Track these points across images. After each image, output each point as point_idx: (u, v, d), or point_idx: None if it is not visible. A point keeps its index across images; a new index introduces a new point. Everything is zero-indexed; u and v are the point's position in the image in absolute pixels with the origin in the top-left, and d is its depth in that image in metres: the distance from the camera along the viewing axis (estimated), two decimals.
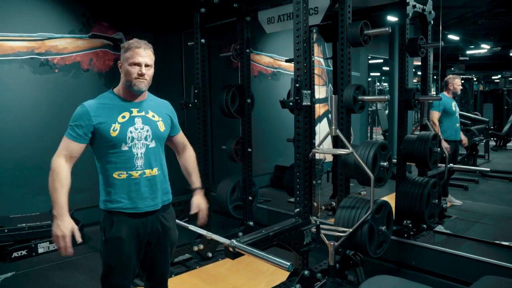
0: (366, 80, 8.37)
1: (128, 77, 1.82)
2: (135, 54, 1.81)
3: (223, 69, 5.62)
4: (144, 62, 1.82)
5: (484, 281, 1.68)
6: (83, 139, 1.79)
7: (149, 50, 1.85)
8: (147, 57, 1.84)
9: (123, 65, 1.84)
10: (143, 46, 1.83)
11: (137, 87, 1.83)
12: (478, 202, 5.00)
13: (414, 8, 3.64)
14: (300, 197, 2.69)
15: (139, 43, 1.84)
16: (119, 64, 1.88)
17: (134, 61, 1.81)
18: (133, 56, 1.81)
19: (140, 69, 1.81)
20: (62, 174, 1.73)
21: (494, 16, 8.53)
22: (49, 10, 4.27)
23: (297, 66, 2.63)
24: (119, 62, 1.88)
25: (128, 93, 1.87)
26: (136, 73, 1.81)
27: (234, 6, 3.69)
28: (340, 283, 2.99)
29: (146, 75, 1.83)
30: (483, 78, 16.71)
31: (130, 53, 1.81)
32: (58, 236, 1.68)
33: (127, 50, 1.82)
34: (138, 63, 1.81)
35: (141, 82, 1.83)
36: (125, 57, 1.83)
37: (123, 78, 1.86)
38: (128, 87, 1.85)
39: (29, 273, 3.39)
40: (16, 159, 4.05)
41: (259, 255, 2.09)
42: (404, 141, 3.64)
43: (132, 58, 1.81)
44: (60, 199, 1.70)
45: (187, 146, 2.16)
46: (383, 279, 1.61)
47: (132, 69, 1.81)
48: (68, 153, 1.77)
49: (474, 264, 2.99)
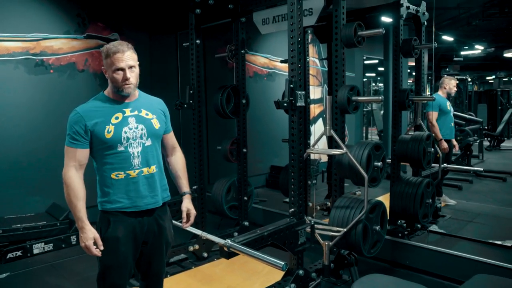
0: (362, 80, 8.41)
1: (115, 84, 1.82)
2: (115, 61, 1.78)
3: (218, 69, 5.62)
4: (127, 65, 1.79)
5: (476, 279, 1.71)
6: (84, 143, 1.80)
7: (128, 52, 1.80)
8: (130, 59, 1.80)
9: (107, 71, 1.83)
10: (121, 50, 1.78)
11: (125, 92, 1.83)
12: (472, 201, 5.03)
13: (408, 9, 3.66)
14: (294, 197, 2.70)
15: (116, 48, 1.78)
16: (103, 70, 1.85)
17: (116, 67, 1.79)
18: (114, 63, 1.78)
19: (124, 74, 1.79)
20: (76, 186, 1.77)
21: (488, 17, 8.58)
22: (44, 11, 4.27)
23: (291, 67, 2.64)
24: (102, 67, 1.86)
25: (118, 96, 1.87)
26: (121, 79, 1.80)
27: (229, 7, 3.70)
28: (335, 282, 3.01)
29: (131, 78, 1.81)
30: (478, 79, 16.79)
31: (111, 60, 1.78)
32: (83, 247, 1.78)
33: (107, 57, 1.79)
34: (121, 68, 1.79)
35: (128, 87, 1.82)
36: (106, 63, 1.81)
37: (110, 83, 1.85)
38: (116, 92, 1.85)
39: (24, 274, 3.38)
40: (11, 159, 4.03)
41: (253, 254, 2.11)
42: (398, 142, 3.66)
43: (114, 65, 1.78)
44: (79, 214, 1.76)
45: (176, 149, 2.13)
46: (375, 278, 1.63)
47: (116, 76, 1.80)
48: (76, 163, 1.79)
49: (467, 263, 3.02)
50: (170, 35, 5.40)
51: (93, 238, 1.76)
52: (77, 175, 1.79)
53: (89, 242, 1.75)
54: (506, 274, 2.76)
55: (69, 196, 1.76)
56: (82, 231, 1.76)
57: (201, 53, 3.66)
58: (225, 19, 4.00)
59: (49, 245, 3.80)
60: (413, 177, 3.72)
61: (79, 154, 1.79)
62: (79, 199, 1.76)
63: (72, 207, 1.77)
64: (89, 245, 1.75)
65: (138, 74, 1.88)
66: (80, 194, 1.77)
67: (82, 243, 1.77)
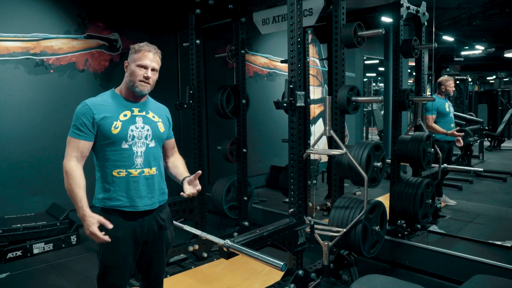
0: (362, 80, 8.40)
1: (133, 78, 1.85)
2: (144, 57, 1.84)
3: (218, 69, 5.63)
4: (152, 66, 1.86)
5: (476, 280, 1.70)
6: (89, 136, 1.80)
7: (157, 56, 1.89)
8: (155, 62, 1.87)
9: (130, 65, 1.87)
10: (153, 50, 1.87)
11: (139, 89, 1.86)
12: (472, 202, 5.03)
13: (408, 9, 3.66)
14: (294, 198, 2.70)
15: (149, 47, 1.87)
16: (125, 64, 1.90)
17: (141, 63, 1.84)
18: (142, 58, 1.84)
19: (146, 72, 1.84)
20: (77, 175, 1.76)
21: (488, 17, 8.58)
22: (44, 11, 4.27)
23: (291, 67, 2.64)
24: (125, 62, 1.90)
25: (130, 94, 1.90)
26: (141, 75, 1.84)
27: (229, 7, 3.70)
28: (334, 282, 3.01)
29: (150, 79, 1.86)
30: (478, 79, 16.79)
31: (139, 55, 1.84)
32: (88, 235, 1.72)
33: (137, 52, 1.85)
34: (145, 65, 1.84)
35: (144, 86, 1.86)
36: (133, 57, 1.86)
37: (127, 77, 1.88)
38: (130, 88, 1.87)
39: (24, 274, 3.38)
40: (11, 159, 4.03)
41: (252, 255, 2.11)
42: (398, 142, 3.66)
43: (140, 60, 1.84)
44: (80, 203, 1.73)
45: (176, 152, 2.16)
46: (374, 278, 1.62)
47: (138, 70, 1.84)
48: (78, 154, 1.79)
49: (467, 263, 3.02)
50: (170, 35, 5.40)
51: (97, 222, 1.70)
52: (78, 165, 1.78)
53: (93, 227, 1.69)
54: (506, 274, 2.76)
55: (70, 186, 1.74)
56: (84, 219, 1.71)
57: (201, 53, 3.66)
58: (225, 19, 4.00)
59: (49, 245, 3.81)
60: (413, 178, 3.72)
61: (82, 145, 1.79)
62: (80, 188, 1.74)
63: (73, 196, 1.74)
64: (93, 230, 1.68)
65: (155, 81, 1.92)
66: (81, 183, 1.75)
67: (86, 230, 1.71)
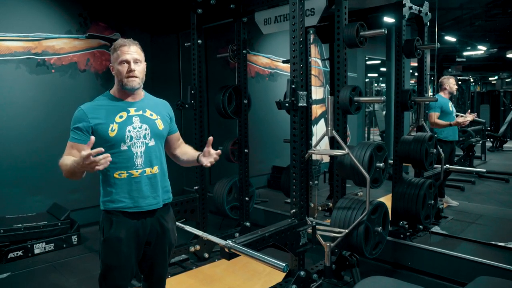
0: (364, 81, 8.39)
1: (120, 77, 1.84)
2: (122, 53, 1.83)
3: (220, 69, 5.62)
4: (132, 58, 1.83)
5: (479, 281, 1.69)
6: (85, 140, 1.78)
7: (135, 46, 1.86)
8: (135, 52, 1.85)
9: (114, 66, 1.86)
10: (128, 43, 1.85)
11: (130, 86, 1.84)
12: (474, 203, 5.01)
13: (411, 9, 3.65)
14: (296, 198, 2.69)
15: (123, 41, 1.86)
16: (111, 68, 1.89)
17: (122, 59, 1.82)
18: (121, 55, 1.83)
19: (129, 66, 1.82)
20: (65, 158, 1.73)
21: (491, 17, 8.56)
22: (46, 10, 4.27)
23: (293, 67, 2.63)
24: (110, 65, 1.90)
25: (123, 93, 1.89)
26: (125, 71, 1.82)
27: (231, 7, 3.69)
28: (336, 283, 3.00)
29: (136, 71, 1.83)
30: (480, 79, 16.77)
31: (118, 53, 1.84)
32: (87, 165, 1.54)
33: (115, 51, 1.85)
34: (126, 60, 1.82)
35: (132, 81, 1.83)
36: (113, 58, 1.86)
37: (116, 79, 1.88)
38: (122, 87, 1.86)
39: (25, 274, 3.38)
40: (12, 159, 4.03)
41: (254, 255, 2.10)
42: (400, 142, 3.65)
43: (120, 57, 1.83)
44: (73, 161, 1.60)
45: (182, 142, 2.16)
46: (377, 280, 1.61)
47: (121, 68, 1.83)
48: (72, 156, 1.76)
49: (470, 264, 3.00)
50: (172, 35, 5.40)
51: (88, 150, 1.52)
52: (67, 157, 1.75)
53: (85, 153, 1.50)
54: (509, 276, 2.75)
55: (64, 165, 1.68)
56: (79, 161, 1.54)
57: (202, 53, 3.65)
58: (227, 19, 3.99)
59: (50, 245, 3.80)
60: (415, 178, 3.70)
61: (78, 148, 1.77)
62: (69, 159, 1.67)
63: (69, 167, 1.64)
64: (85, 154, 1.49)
65: (144, 70, 1.90)
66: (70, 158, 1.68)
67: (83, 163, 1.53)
